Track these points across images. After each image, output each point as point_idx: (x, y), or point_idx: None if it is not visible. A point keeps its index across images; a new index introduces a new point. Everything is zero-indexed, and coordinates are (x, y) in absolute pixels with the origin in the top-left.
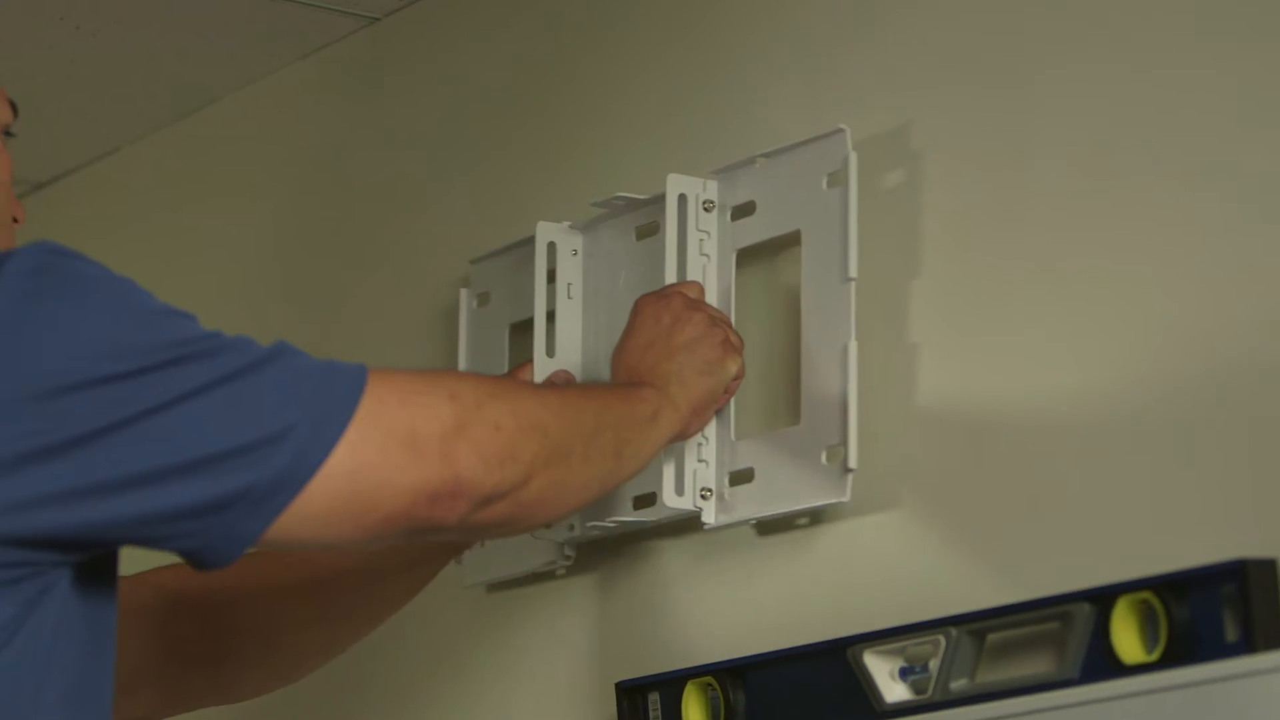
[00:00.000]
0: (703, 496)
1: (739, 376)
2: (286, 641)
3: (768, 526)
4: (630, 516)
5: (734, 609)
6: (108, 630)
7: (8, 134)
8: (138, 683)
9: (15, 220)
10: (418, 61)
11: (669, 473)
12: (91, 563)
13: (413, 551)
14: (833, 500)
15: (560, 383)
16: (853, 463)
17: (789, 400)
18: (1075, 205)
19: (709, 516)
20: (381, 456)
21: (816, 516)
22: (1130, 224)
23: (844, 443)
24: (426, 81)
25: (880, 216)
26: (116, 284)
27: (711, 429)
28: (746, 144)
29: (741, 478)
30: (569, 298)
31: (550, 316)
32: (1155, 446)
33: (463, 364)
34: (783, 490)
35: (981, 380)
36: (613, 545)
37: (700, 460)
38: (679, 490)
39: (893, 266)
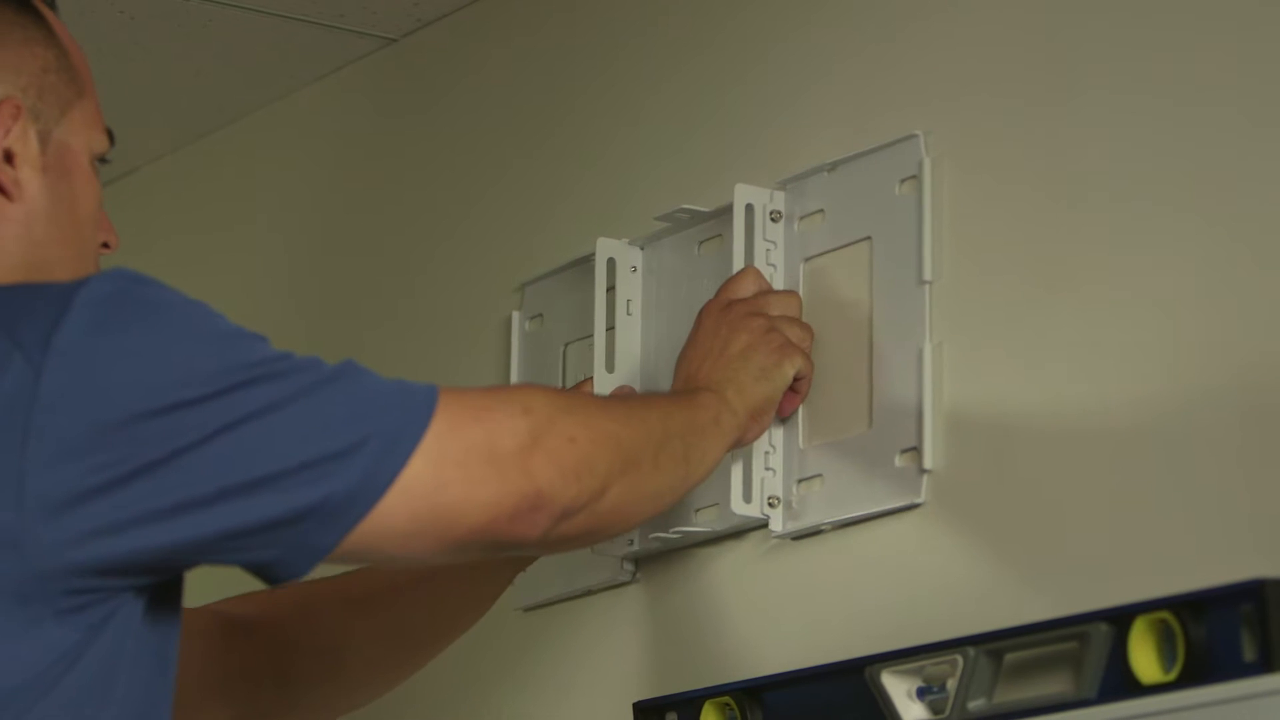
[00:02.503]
0: (770, 504)
1: (806, 375)
2: (351, 659)
3: (799, 537)
4: (695, 527)
5: (752, 627)
6: (170, 655)
7: (102, 161)
8: (203, 699)
9: (107, 245)
10: (439, 82)
11: (736, 480)
12: (157, 588)
13: (476, 567)
14: (908, 502)
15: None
16: (928, 464)
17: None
18: (1102, 217)
19: (776, 524)
20: (462, 472)
21: (836, 531)
22: (1158, 238)
23: (919, 445)
24: (450, 102)
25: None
26: (190, 309)
27: (779, 437)
28: (768, 159)
29: (810, 485)
30: (628, 314)
31: (608, 333)
32: (1175, 466)
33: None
34: (854, 495)
35: (999, 398)
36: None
37: (767, 468)
38: (746, 498)
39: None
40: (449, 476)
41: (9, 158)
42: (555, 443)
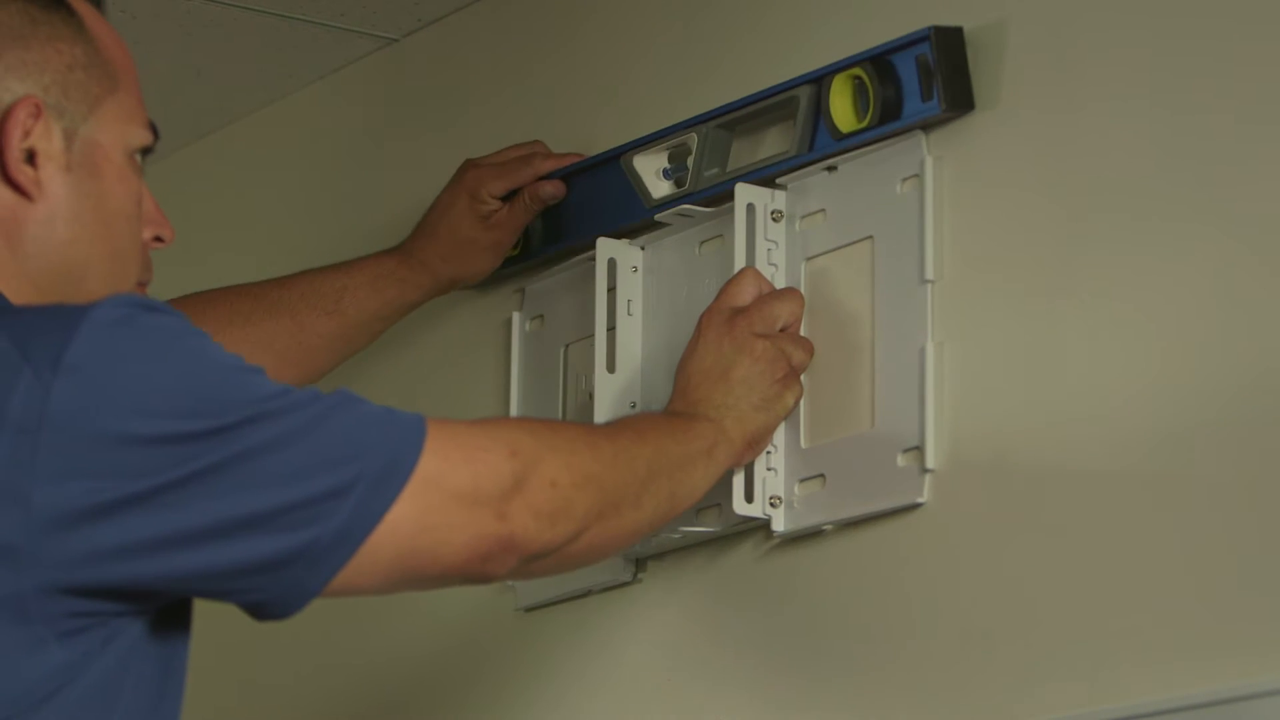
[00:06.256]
0: (772, 504)
1: (796, 399)
2: None
3: (801, 537)
4: (696, 526)
5: (754, 626)
6: (178, 669)
7: (145, 153)
8: None
9: (160, 239)
10: (439, 82)
11: (738, 481)
12: (164, 608)
13: (385, 312)
14: (910, 501)
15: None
16: (931, 463)
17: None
18: (1103, 215)
19: (778, 524)
20: (443, 516)
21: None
22: (1159, 237)
23: (921, 445)
24: (450, 102)
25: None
26: (195, 340)
27: (780, 437)
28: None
29: (812, 484)
30: (629, 314)
31: (609, 334)
32: (1177, 464)
33: (515, 388)
34: (856, 494)
35: (1001, 397)
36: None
37: (769, 468)
38: (748, 498)
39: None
40: (431, 520)
41: (31, 157)
42: (536, 487)
